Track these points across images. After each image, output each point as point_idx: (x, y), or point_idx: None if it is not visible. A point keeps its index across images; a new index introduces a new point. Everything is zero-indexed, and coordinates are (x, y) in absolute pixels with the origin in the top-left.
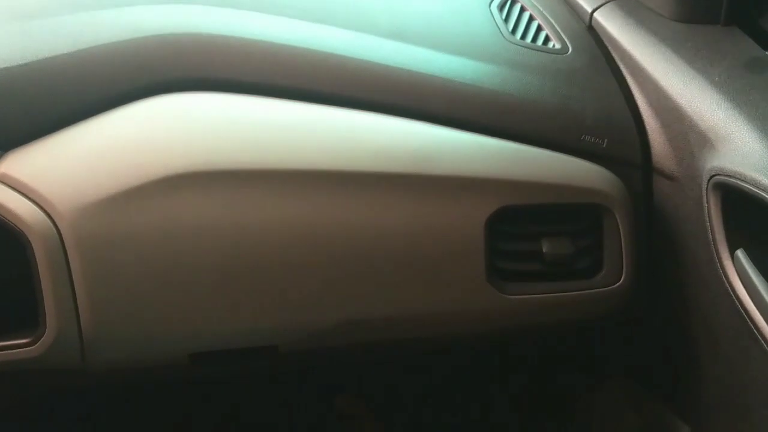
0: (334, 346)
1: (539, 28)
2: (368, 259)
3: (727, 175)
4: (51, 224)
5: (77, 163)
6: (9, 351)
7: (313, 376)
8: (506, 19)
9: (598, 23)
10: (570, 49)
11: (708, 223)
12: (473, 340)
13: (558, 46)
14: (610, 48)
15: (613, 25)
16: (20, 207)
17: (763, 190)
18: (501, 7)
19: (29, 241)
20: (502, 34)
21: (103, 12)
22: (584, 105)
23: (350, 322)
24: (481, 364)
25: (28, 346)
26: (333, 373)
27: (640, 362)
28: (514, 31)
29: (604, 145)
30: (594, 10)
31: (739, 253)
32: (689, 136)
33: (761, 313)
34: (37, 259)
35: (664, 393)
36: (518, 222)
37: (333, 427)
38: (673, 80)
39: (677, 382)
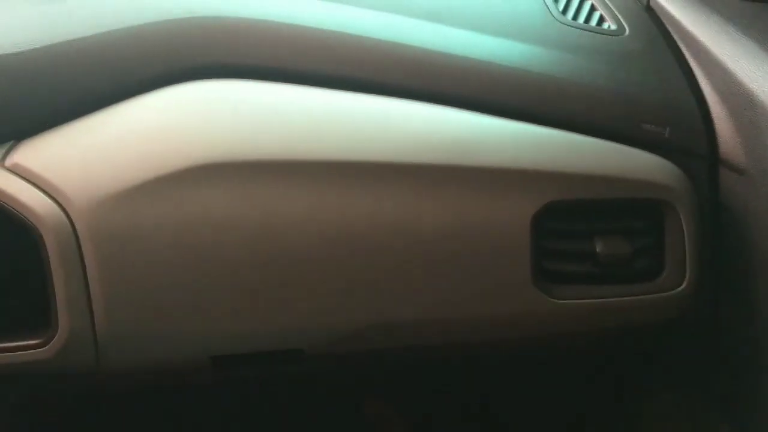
0: (364, 350)
1: (592, 8)
2: (402, 258)
3: None
4: (65, 217)
5: (93, 153)
6: (19, 352)
7: (339, 378)
8: None
9: (657, 3)
10: (627, 31)
11: None
12: (516, 347)
13: (613, 27)
14: (670, 29)
15: (673, 4)
16: (32, 198)
17: None
18: None
19: (41, 235)
20: (552, 15)
21: None
22: (643, 90)
23: (381, 325)
24: (521, 371)
25: (40, 348)
26: (361, 374)
27: (698, 370)
28: (565, 11)
29: (666, 135)
30: None
31: None
32: (761, 125)
33: None
34: (49, 254)
35: (722, 404)
36: (569, 219)
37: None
38: (743, 63)
39: (737, 393)
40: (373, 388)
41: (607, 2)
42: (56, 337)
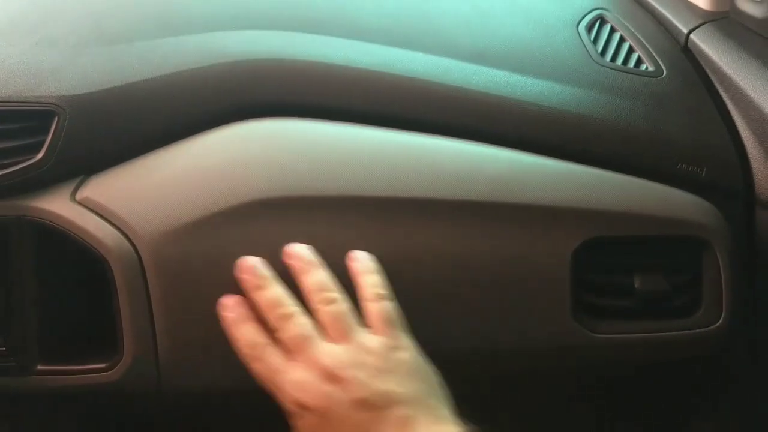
0: None
1: (631, 50)
2: (446, 290)
3: None
4: (131, 249)
5: (159, 188)
6: (87, 375)
7: None
8: (595, 41)
9: (694, 45)
10: (664, 72)
11: None
12: (554, 378)
13: (651, 68)
14: (707, 71)
15: (711, 46)
16: (101, 231)
17: None
18: (589, 28)
19: (109, 265)
20: (591, 56)
21: (189, 37)
22: (681, 131)
23: (426, 353)
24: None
25: (106, 371)
26: None
27: (731, 407)
28: (603, 53)
29: (703, 174)
30: (690, 31)
31: None
32: None
33: None
34: (116, 284)
35: None
36: (608, 254)
37: None
38: None
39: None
40: None
41: (645, 44)
42: (121, 361)
